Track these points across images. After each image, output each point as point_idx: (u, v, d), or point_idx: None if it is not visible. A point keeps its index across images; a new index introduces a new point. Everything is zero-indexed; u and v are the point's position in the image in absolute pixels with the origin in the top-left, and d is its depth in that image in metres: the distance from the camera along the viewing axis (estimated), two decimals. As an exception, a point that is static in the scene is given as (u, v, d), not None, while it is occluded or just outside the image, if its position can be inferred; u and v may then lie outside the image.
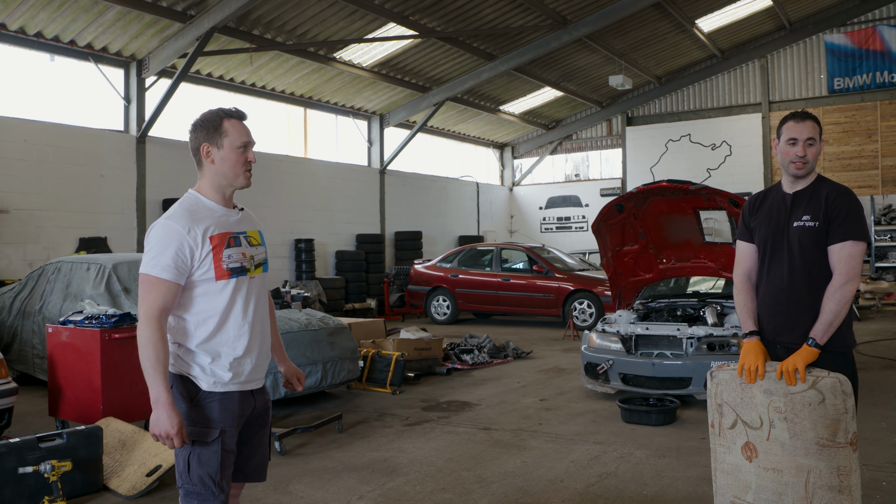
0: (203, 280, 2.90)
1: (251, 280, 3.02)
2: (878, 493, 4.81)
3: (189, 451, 2.87)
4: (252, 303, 3.01)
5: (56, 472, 4.78)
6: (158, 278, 2.81)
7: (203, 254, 2.88)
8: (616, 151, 24.70)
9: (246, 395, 3.00)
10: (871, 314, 16.21)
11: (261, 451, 3.15)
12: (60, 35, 12.77)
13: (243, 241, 3.02)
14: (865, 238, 3.41)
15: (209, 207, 2.98)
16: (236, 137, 2.96)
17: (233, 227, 3.01)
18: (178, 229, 2.85)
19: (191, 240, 2.86)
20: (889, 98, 20.53)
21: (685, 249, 8.66)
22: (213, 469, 2.87)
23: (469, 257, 16.64)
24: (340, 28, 15.00)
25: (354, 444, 6.38)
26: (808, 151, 3.50)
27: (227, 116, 2.98)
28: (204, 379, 2.91)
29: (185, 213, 2.91)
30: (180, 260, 2.84)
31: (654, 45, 20.45)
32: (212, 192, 3.01)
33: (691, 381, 7.32)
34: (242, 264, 2.98)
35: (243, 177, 3.00)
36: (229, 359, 2.93)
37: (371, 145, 20.14)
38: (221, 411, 2.91)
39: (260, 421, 3.13)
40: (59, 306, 8.14)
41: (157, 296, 2.81)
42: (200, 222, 2.90)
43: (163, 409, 2.73)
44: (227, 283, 2.93)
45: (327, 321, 8.04)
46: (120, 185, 13.75)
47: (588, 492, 5.04)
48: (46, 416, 6.96)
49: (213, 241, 2.90)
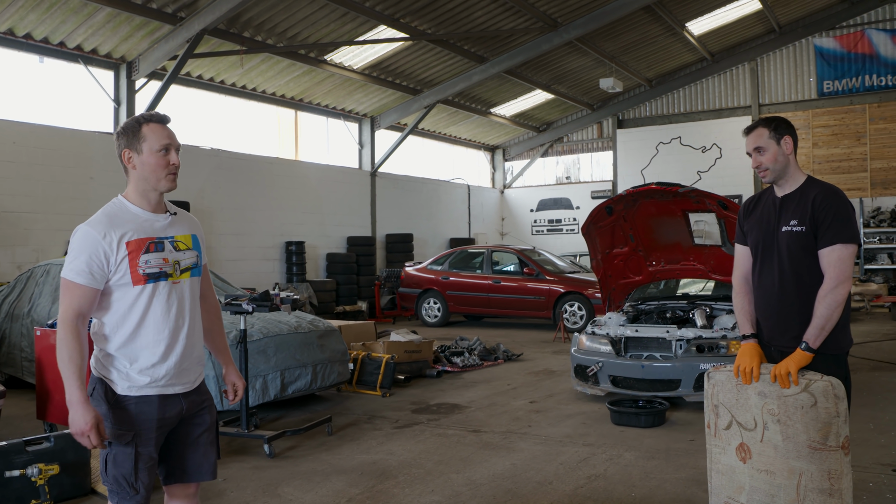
0: (120, 285, 2.94)
1: (174, 285, 3.04)
2: (865, 494, 4.83)
3: (107, 452, 2.93)
4: (175, 308, 3.03)
5: (43, 475, 4.77)
6: (73, 282, 2.87)
7: (118, 259, 2.91)
8: (607, 154, 24.75)
9: (169, 399, 3.03)
10: (860, 316, 16.29)
11: (202, 451, 3.17)
12: (50, 37, 12.73)
13: (168, 245, 3.04)
14: (854, 240, 3.41)
15: (132, 212, 3.02)
16: (155, 141, 2.99)
17: (157, 231, 3.03)
18: (94, 235, 2.90)
19: (105, 245, 2.89)
20: (878, 101, 20.65)
21: (675, 252, 8.68)
22: (127, 470, 2.92)
23: (460, 260, 16.65)
24: (331, 30, 14.99)
25: (344, 446, 6.37)
26: (763, 159, 3.56)
27: (147, 121, 3.02)
28: (120, 382, 2.96)
29: (105, 218, 2.96)
30: (95, 265, 2.88)
31: (645, 48, 20.52)
32: (136, 196, 3.05)
33: (681, 383, 7.34)
34: (162, 269, 3.00)
35: (165, 180, 3.02)
36: (146, 363, 2.97)
37: (362, 147, 20.14)
38: (137, 414, 2.95)
39: (197, 420, 3.15)
40: (48, 309, 8.11)
41: (71, 299, 2.87)
42: (118, 228, 2.94)
43: (76, 408, 2.79)
44: (143, 289, 2.95)
45: (317, 324, 8.03)
46: (109, 187, 13.67)
47: (577, 494, 5.05)
48: (34, 419, 6.93)
49: (130, 246, 2.93)
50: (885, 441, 6.10)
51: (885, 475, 5.19)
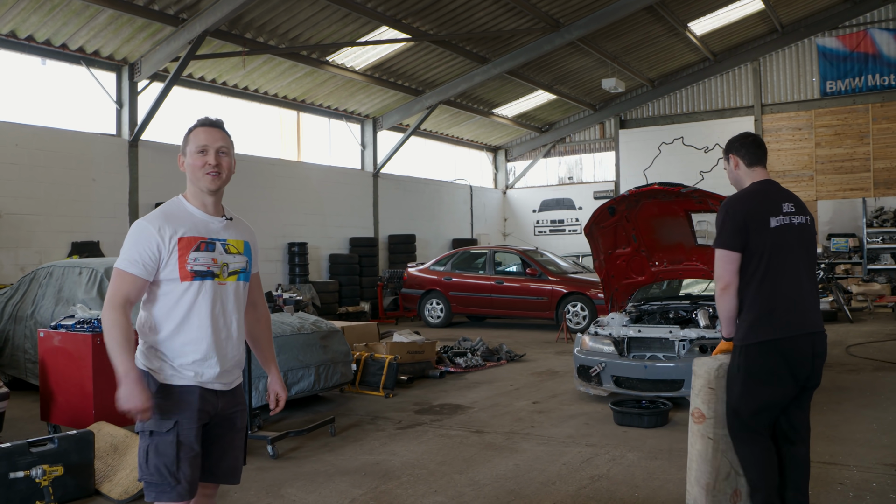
0: (168, 280, 3.00)
1: (220, 286, 3.09)
2: (869, 495, 4.82)
3: (147, 442, 2.95)
4: (218, 308, 3.08)
5: (47, 476, 4.77)
6: (125, 271, 2.95)
7: (169, 253, 2.98)
8: (609, 154, 24.74)
9: (208, 393, 3.06)
10: (863, 316, 16.27)
11: (232, 454, 3.19)
12: (52, 39, 12.75)
13: (219, 247, 3.11)
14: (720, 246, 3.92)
15: (188, 212, 3.11)
16: (194, 143, 3.11)
17: (212, 233, 3.11)
18: (149, 228, 2.99)
19: (159, 238, 2.97)
20: (880, 101, 20.62)
21: (677, 252, 8.67)
22: (170, 459, 2.92)
23: (462, 260, 16.65)
24: (333, 31, 15.00)
25: (347, 447, 6.37)
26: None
27: (195, 126, 3.17)
28: (163, 373, 3.01)
29: (161, 214, 3.06)
30: (147, 256, 2.96)
31: (647, 49, 20.51)
32: (192, 197, 3.16)
33: (683, 383, 7.33)
34: (210, 269, 3.05)
35: (204, 179, 3.10)
36: (188, 358, 3.02)
37: (364, 149, 20.15)
38: (178, 402, 2.98)
39: (227, 423, 3.17)
40: (51, 311, 8.12)
41: (121, 285, 2.94)
42: (173, 224, 3.02)
43: (132, 384, 2.84)
44: (190, 285, 3.01)
45: (320, 325, 8.03)
46: (112, 188, 13.72)
47: (580, 494, 5.05)
48: (38, 420, 6.93)
49: (182, 242, 3.01)
50: (888, 441, 6.09)
51: (888, 475, 5.18)
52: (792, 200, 3.99)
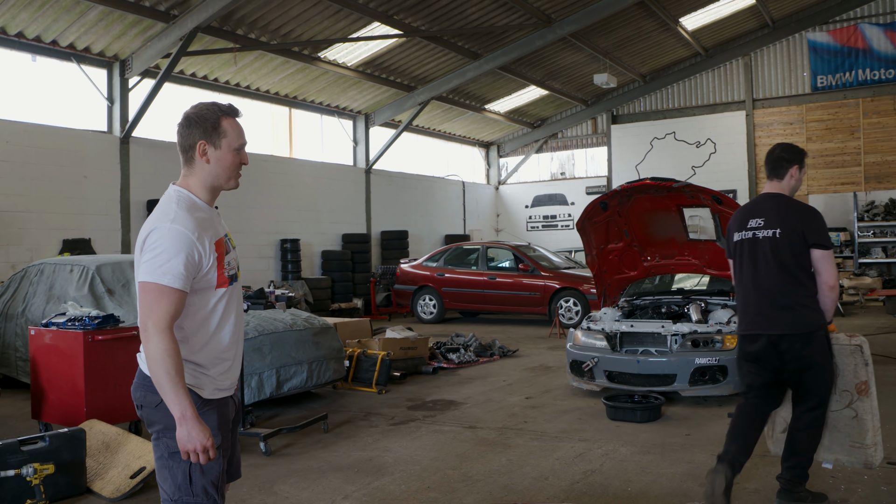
0: (203, 288, 2.77)
1: (236, 286, 2.94)
2: (860, 487, 4.85)
3: (189, 463, 2.70)
4: (240, 310, 2.96)
5: (39, 475, 4.76)
6: (170, 287, 2.63)
7: (209, 261, 2.75)
8: (601, 150, 24.76)
9: (231, 400, 2.98)
10: (854, 310, 16.34)
11: (236, 450, 3.13)
12: (42, 35, 12.68)
13: (230, 244, 2.94)
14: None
15: (203, 209, 2.83)
16: (234, 138, 2.85)
17: (219, 229, 2.89)
18: (189, 236, 2.69)
19: (200, 246, 2.71)
20: (871, 95, 20.67)
21: (669, 247, 8.69)
22: (216, 476, 2.78)
23: (455, 256, 16.64)
24: (325, 27, 14.97)
25: (340, 443, 6.37)
26: None
27: (225, 115, 2.87)
28: (204, 387, 2.81)
29: (191, 217, 2.74)
30: (192, 268, 2.69)
31: (639, 44, 20.52)
32: (202, 191, 2.86)
33: (676, 377, 7.36)
34: (236, 271, 2.92)
35: (234, 180, 2.89)
36: (224, 366, 2.87)
37: (356, 145, 20.12)
38: (220, 417, 2.84)
39: (236, 419, 3.11)
40: (42, 308, 8.10)
41: (168, 305, 2.63)
42: (205, 227, 2.77)
43: (192, 423, 2.60)
44: (224, 291, 2.83)
45: (312, 321, 8.03)
46: (104, 186, 13.67)
47: (573, 489, 5.06)
48: (29, 419, 6.91)
49: (218, 247, 2.80)
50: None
51: (879, 468, 5.20)
52: (764, 216, 4.52)
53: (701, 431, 6.46)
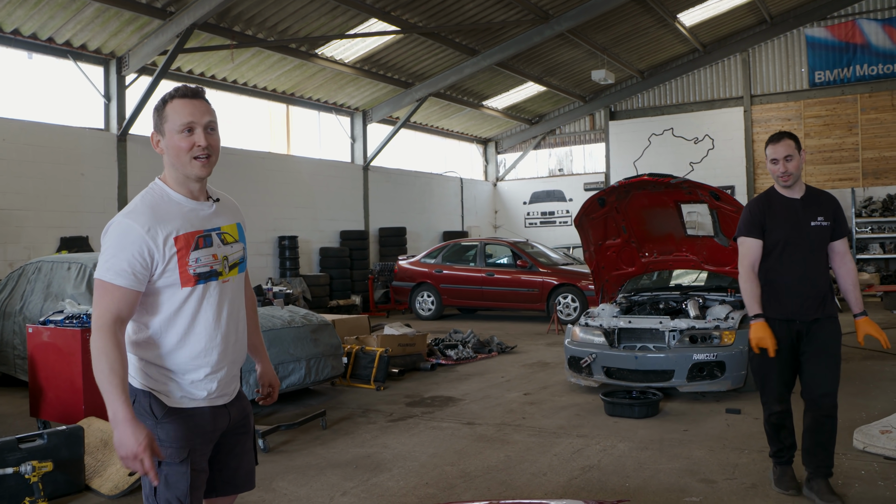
0: (167, 286, 2.59)
1: (223, 284, 2.70)
2: (857, 482, 4.86)
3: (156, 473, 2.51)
4: (225, 310, 2.71)
5: (37, 472, 4.75)
6: (112, 284, 2.49)
7: (166, 258, 2.55)
8: (599, 146, 24.76)
9: (219, 410, 2.74)
10: (852, 305, 16.32)
11: (247, 459, 2.92)
12: (38, 32, 12.66)
13: (215, 239, 2.69)
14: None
15: (175, 201, 2.64)
16: (177, 119, 2.59)
17: (204, 223, 2.67)
18: (136, 229, 2.52)
19: (150, 241, 2.52)
20: (869, 91, 20.68)
21: (667, 243, 8.69)
22: (182, 491, 2.59)
23: (453, 253, 16.64)
24: (322, 24, 14.95)
25: (338, 440, 6.37)
26: (790, 166, 4.43)
27: (171, 98, 2.64)
28: (170, 394, 2.63)
29: (146, 209, 2.58)
30: (137, 263, 2.51)
31: (637, 40, 20.51)
32: (174, 183, 2.67)
33: (674, 373, 7.36)
34: (213, 268, 2.65)
35: (191, 165, 2.61)
36: (198, 374, 2.65)
37: (354, 141, 20.11)
38: (191, 428, 2.63)
39: (241, 429, 2.89)
40: (40, 306, 8.08)
41: (110, 303, 2.48)
42: (164, 220, 2.57)
43: (124, 427, 2.41)
44: (193, 290, 2.61)
45: (310, 318, 8.03)
46: (101, 183, 13.65)
47: (571, 484, 5.06)
48: (27, 416, 6.91)
49: (179, 242, 2.57)
50: (877, 429, 6.12)
51: (876, 463, 5.21)
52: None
53: (699, 427, 6.46)
